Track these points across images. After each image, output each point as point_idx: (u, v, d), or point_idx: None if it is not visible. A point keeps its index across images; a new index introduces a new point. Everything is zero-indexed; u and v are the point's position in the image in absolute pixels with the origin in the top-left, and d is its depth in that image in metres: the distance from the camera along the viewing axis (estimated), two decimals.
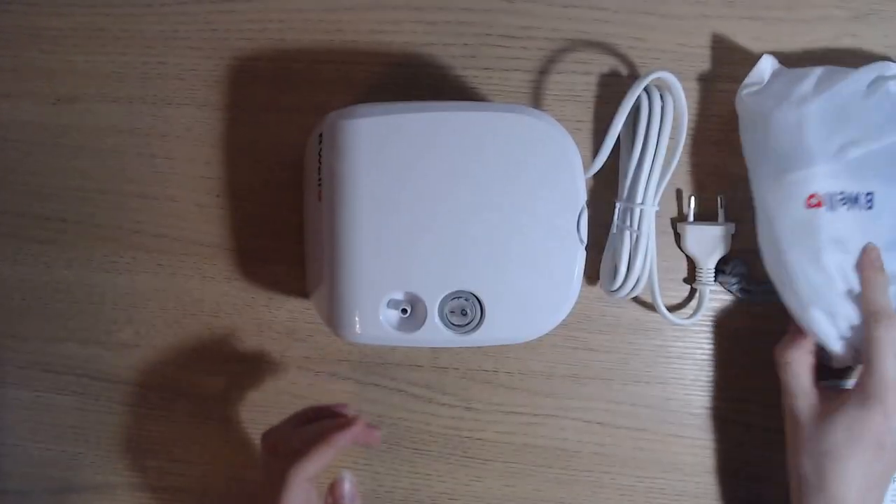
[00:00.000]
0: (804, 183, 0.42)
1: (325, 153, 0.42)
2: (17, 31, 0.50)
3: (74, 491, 0.53)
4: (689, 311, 0.49)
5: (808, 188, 0.42)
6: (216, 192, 0.50)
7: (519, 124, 0.40)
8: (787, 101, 0.42)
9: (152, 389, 0.52)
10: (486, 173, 0.40)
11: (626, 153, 0.47)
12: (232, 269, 0.51)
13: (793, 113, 0.42)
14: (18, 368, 0.52)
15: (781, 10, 0.47)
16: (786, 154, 0.42)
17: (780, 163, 0.43)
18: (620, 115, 0.44)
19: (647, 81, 0.43)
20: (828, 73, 0.43)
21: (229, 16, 0.49)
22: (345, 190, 0.40)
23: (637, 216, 0.45)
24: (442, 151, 0.40)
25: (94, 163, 0.51)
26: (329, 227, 0.41)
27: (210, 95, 0.50)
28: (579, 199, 0.41)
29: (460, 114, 0.41)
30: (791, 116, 0.42)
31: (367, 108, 0.41)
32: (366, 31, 0.49)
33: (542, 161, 0.41)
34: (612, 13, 0.48)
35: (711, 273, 0.48)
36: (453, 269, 0.40)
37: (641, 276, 0.46)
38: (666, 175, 0.45)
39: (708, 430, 0.50)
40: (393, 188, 0.40)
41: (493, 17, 0.48)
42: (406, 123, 0.40)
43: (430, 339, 0.41)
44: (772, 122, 0.43)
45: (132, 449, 0.53)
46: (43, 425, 0.53)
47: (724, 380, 0.50)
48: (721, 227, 0.47)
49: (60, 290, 0.52)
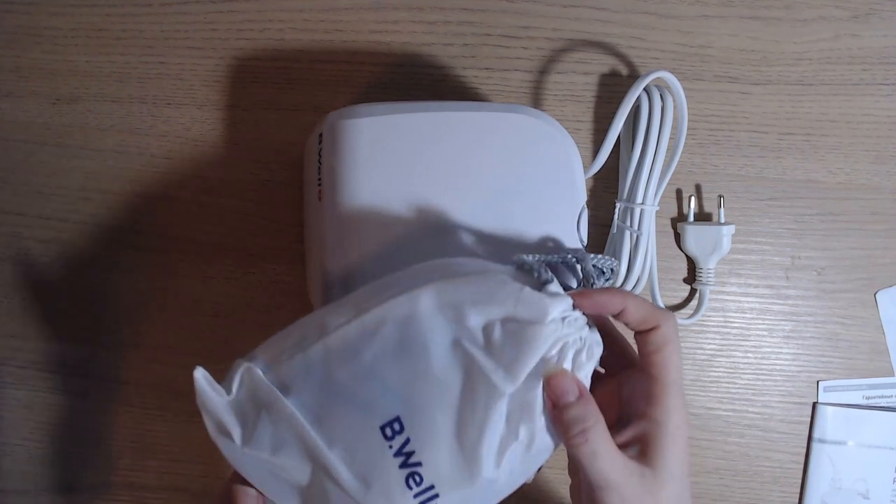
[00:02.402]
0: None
1: (325, 153, 0.42)
2: (18, 32, 0.50)
3: (74, 491, 0.53)
4: (689, 312, 0.49)
5: None
6: (216, 192, 0.50)
7: (519, 124, 0.40)
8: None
9: (152, 389, 0.52)
10: (486, 173, 0.40)
11: (626, 153, 0.47)
12: (232, 269, 0.51)
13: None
14: (18, 368, 0.52)
15: (781, 10, 0.47)
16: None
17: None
18: (621, 115, 0.44)
19: (647, 81, 0.43)
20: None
21: (229, 16, 0.49)
22: (345, 190, 0.40)
23: (637, 216, 0.45)
24: (442, 151, 0.40)
25: (95, 162, 0.51)
26: (329, 226, 0.41)
27: (210, 95, 0.50)
28: (579, 198, 0.41)
29: (460, 114, 0.41)
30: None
31: (368, 107, 0.41)
32: (366, 31, 0.49)
33: (542, 161, 0.41)
34: (612, 13, 0.48)
35: (711, 273, 0.48)
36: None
37: (641, 276, 0.46)
38: (666, 175, 0.45)
39: (708, 430, 0.50)
40: (393, 188, 0.40)
41: (493, 17, 0.48)
42: (406, 123, 0.40)
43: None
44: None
45: (132, 449, 0.52)
46: (43, 425, 0.53)
47: (724, 380, 0.50)
48: (721, 228, 0.47)
49: (61, 290, 0.52)
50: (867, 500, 0.50)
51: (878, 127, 0.48)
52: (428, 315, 0.31)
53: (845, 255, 0.49)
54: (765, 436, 0.50)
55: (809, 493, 0.50)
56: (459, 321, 0.31)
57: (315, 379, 0.32)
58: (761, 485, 0.50)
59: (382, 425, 0.31)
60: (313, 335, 0.33)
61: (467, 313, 0.31)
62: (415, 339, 0.31)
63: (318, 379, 0.32)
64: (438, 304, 0.31)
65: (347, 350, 0.32)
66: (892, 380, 0.49)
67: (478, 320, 0.31)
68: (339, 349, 0.32)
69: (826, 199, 0.49)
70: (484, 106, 0.43)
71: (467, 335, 0.31)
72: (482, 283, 0.32)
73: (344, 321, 0.32)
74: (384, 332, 0.31)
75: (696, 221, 0.48)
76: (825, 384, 0.50)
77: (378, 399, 0.31)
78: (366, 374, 0.32)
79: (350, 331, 0.32)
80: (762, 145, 0.48)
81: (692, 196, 0.48)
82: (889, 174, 0.48)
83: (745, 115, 0.48)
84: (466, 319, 0.31)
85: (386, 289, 0.33)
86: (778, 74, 0.48)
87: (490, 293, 0.31)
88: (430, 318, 0.31)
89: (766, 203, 0.49)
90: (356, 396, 0.32)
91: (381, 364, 0.31)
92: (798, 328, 0.49)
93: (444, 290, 0.32)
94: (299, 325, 0.34)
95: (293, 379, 0.32)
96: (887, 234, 0.49)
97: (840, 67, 0.48)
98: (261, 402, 0.32)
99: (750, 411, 0.50)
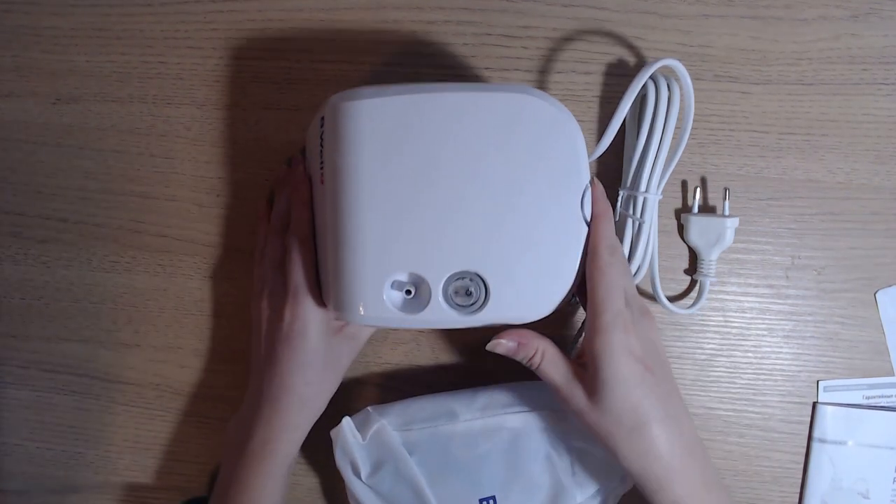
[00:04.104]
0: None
1: (327, 136, 0.41)
2: (18, 31, 0.50)
3: (74, 491, 0.53)
4: (689, 302, 0.49)
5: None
6: (216, 192, 0.50)
7: (521, 104, 0.40)
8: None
9: (152, 389, 0.52)
10: (490, 153, 0.39)
11: (630, 141, 0.47)
12: (232, 269, 0.51)
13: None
14: (18, 368, 0.52)
15: (781, 10, 0.47)
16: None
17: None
18: (627, 100, 0.43)
19: (654, 69, 0.43)
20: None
21: (229, 16, 0.49)
22: (348, 172, 0.40)
23: (640, 204, 0.45)
24: (445, 132, 0.39)
25: (94, 162, 0.51)
26: (332, 209, 0.40)
27: (210, 95, 0.50)
28: (583, 177, 0.41)
29: (463, 94, 0.40)
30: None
31: (370, 89, 0.41)
32: (366, 31, 0.49)
33: (546, 140, 0.40)
34: (612, 12, 0.48)
35: (713, 265, 0.48)
36: (457, 249, 0.40)
37: (642, 265, 0.46)
38: (671, 164, 0.45)
39: (708, 430, 0.50)
40: (396, 169, 0.39)
41: (493, 17, 0.48)
42: (409, 104, 0.40)
43: (435, 319, 0.40)
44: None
45: (132, 449, 0.53)
46: (43, 425, 0.53)
47: (724, 380, 0.50)
48: (725, 220, 0.47)
49: (61, 290, 0.52)
50: (867, 499, 0.50)
51: (878, 127, 0.48)
52: (536, 435, 0.44)
53: (845, 254, 0.49)
54: (765, 436, 0.50)
55: (809, 493, 0.50)
56: (556, 447, 0.44)
57: (435, 451, 0.44)
58: (761, 485, 0.50)
59: (482, 498, 0.43)
60: (444, 418, 0.45)
61: (564, 443, 0.44)
62: (522, 447, 0.44)
63: (438, 451, 0.44)
64: (546, 428, 0.45)
65: (470, 439, 0.44)
66: (892, 380, 0.49)
67: (569, 450, 0.44)
68: (462, 435, 0.44)
69: (826, 199, 0.49)
70: (486, 87, 0.42)
71: (559, 456, 0.44)
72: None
73: (472, 417, 0.45)
74: (502, 435, 0.44)
75: (700, 213, 0.48)
76: (825, 384, 0.50)
77: (483, 479, 0.43)
78: (478, 459, 0.44)
79: (475, 426, 0.44)
80: (762, 145, 0.48)
81: (697, 187, 0.48)
82: (889, 174, 0.48)
83: (745, 115, 0.48)
84: (562, 447, 0.44)
85: (511, 398, 0.45)
86: (778, 74, 0.48)
87: (587, 434, 0.42)
88: (537, 437, 0.44)
89: (766, 203, 0.49)
90: (466, 473, 0.43)
91: (493, 455, 0.44)
92: (798, 328, 0.49)
93: (554, 418, 0.45)
94: (430, 403, 0.46)
95: (418, 445, 0.44)
96: (887, 234, 0.49)
97: (840, 67, 0.48)
98: (389, 454, 0.44)
99: (750, 411, 0.50)
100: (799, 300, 0.49)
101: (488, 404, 0.45)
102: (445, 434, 0.44)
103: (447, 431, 0.44)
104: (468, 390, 0.47)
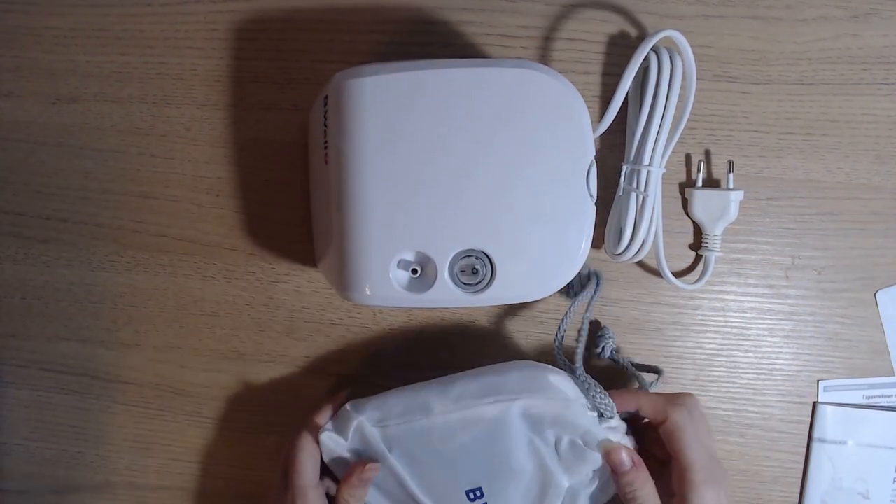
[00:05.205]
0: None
1: (330, 114, 0.41)
2: (18, 31, 0.50)
3: (74, 491, 0.53)
4: (694, 277, 0.49)
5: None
6: (216, 192, 0.50)
7: (525, 79, 0.40)
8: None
9: (152, 389, 0.52)
10: (494, 130, 0.39)
11: (633, 114, 0.46)
12: (232, 268, 0.51)
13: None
14: (18, 368, 0.53)
15: (781, 10, 0.47)
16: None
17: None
18: (629, 74, 0.43)
19: (655, 40, 0.42)
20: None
21: (229, 16, 0.49)
22: (352, 150, 0.39)
23: (644, 178, 0.45)
24: (449, 108, 0.39)
25: (95, 162, 0.51)
26: (336, 188, 0.40)
27: (210, 95, 0.50)
28: (588, 153, 0.40)
29: (467, 70, 0.40)
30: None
31: (373, 67, 0.41)
32: (365, 31, 0.49)
33: (550, 116, 0.40)
34: (611, 13, 0.48)
35: (718, 240, 0.48)
36: (463, 227, 0.39)
37: (647, 240, 0.46)
38: (674, 137, 0.45)
39: None
40: (401, 147, 0.39)
41: (493, 17, 0.48)
42: (412, 81, 0.39)
43: (441, 299, 0.40)
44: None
45: (132, 449, 0.53)
46: (43, 425, 0.53)
47: (724, 379, 0.50)
48: (729, 193, 0.47)
49: (61, 290, 0.52)
50: (867, 499, 0.50)
51: (878, 127, 0.48)
52: (516, 422, 0.41)
53: (845, 254, 0.49)
54: (765, 436, 0.50)
55: (809, 493, 0.50)
56: (538, 432, 0.41)
57: (415, 445, 0.42)
58: (761, 485, 0.50)
59: (468, 490, 0.42)
60: (419, 412, 0.42)
61: (546, 428, 0.41)
62: (502, 435, 0.41)
63: (418, 445, 0.42)
64: (524, 415, 0.41)
65: (448, 432, 0.41)
66: (892, 379, 0.49)
67: (552, 434, 0.41)
68: (440, 429, 0.41)
69: (826, 198, 0.49)
70: (489, 62, 0.42)
71: (542, 441, 0.41)
72: (562, 409, 0.41)
73: (447, 410, 0.41)
74: (480, 425, 0.41)
75: (705, 187, 0.48)
76: (825, 384, 0.50)
77: (467, 471, 0.42)
78: (459, 451, 0.41)
79: (452, 419, 0.41)
80: (762, 145, 0.48)
81: (701, 161, 0.48)
82: (889, 174, 0.48)
83: (745, 115, 0.48)
84: (544, 433, 0.41)
85: (484, 388, 0.42)
86: (778, 74, 0.48)
87: (566, 420, 0.40)
88: (517, 424, 0.41)
89: (765, 203, 0.49)
90: (449, 466, 0.42)
91: (473, 446, 0.41)
92: (798, 328, 0.49)
93: (532, 406, 0.41)
94: (404, 397, 0.43)
95: (396, 440, 0.42)
96: (887, 234, 0.49)
97: (840, 67, 0.48)
98: (371, 451, 0.42)
99: (750, 411, 0.50)
100: (799, 300, 0.49)
101: (461, 395, 0.42)
102: (423, 428, 0.42)
103: (424, 426, 0.42)
104: (438, 380, 0.44)
